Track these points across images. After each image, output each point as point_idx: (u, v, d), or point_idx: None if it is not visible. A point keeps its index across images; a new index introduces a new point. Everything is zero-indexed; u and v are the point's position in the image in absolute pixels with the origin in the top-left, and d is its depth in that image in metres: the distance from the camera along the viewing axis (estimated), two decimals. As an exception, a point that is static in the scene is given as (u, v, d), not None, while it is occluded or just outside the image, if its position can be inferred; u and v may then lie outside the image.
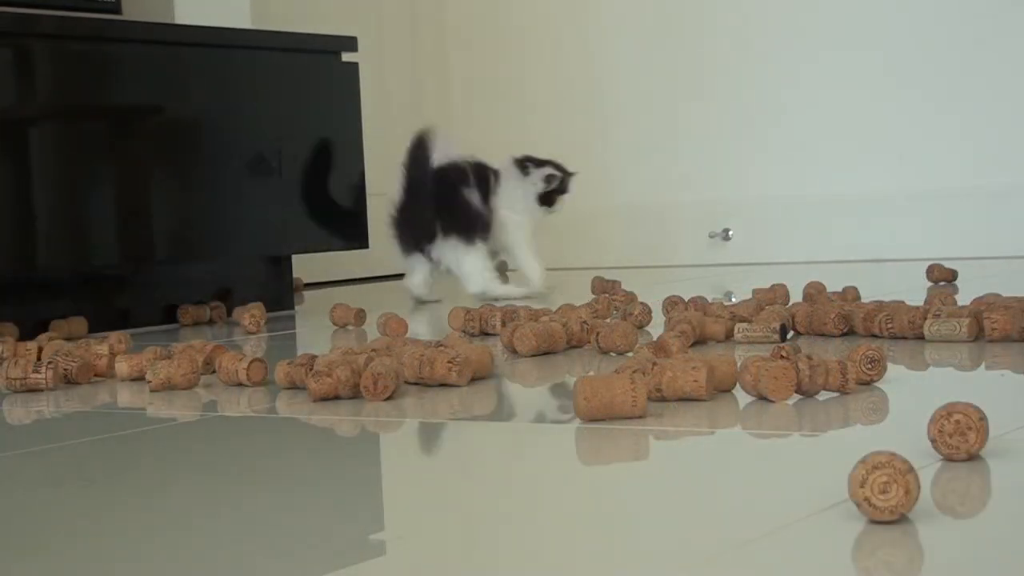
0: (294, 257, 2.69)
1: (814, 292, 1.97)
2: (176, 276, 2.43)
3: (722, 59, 3.37)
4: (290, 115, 2.49)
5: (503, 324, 1.84)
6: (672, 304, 1.92)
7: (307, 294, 3.03)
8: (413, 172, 2.55)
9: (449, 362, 1.40)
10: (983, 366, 1.44)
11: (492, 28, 3.69)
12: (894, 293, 2.02)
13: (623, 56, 3.50)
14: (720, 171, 3.37)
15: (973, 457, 0.93)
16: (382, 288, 3.19)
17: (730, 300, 2.19)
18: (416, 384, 1.42)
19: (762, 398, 1.22)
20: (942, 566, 0.73)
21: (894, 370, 1.36)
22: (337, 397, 1.36)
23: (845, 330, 1.66)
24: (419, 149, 2.56)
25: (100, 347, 1.68)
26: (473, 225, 2.53)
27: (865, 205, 3.19)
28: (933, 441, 0.93)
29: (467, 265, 2.52)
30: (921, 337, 1.59)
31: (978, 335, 1.57)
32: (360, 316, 2.14)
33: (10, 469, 1.14)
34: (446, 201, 2.53)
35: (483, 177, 2.58)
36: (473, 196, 2.54)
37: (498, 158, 2.65)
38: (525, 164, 2.63)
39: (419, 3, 3.71)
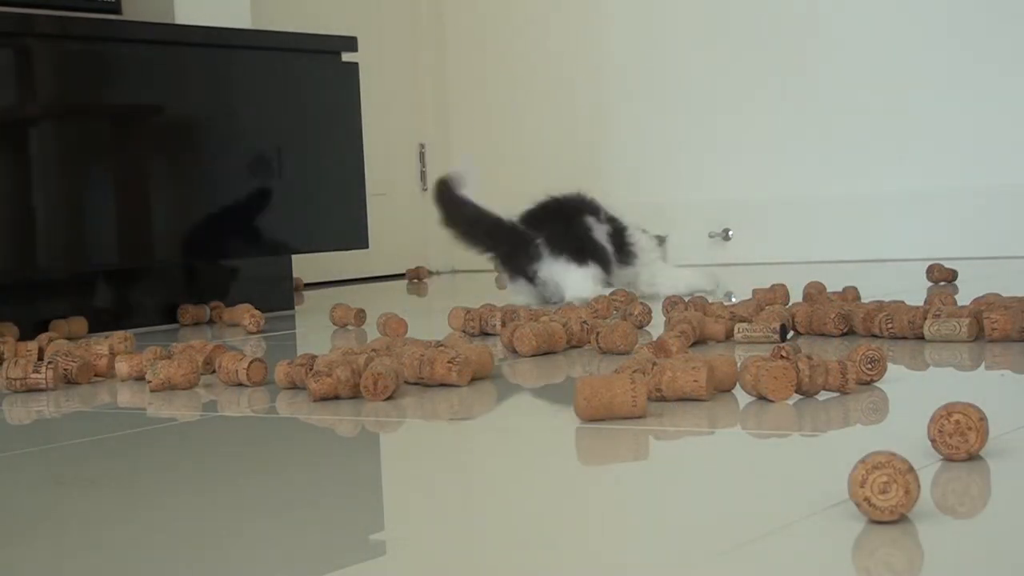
0: (294, 257, 2.68)
1: (814, 292, 1.97)
2: (176, 276, 2.43)
3: (721, 60, 3.36)
4: (290, 115, 2.49)
5: (503, 324, 1.84)
6: (672, 304, 1.92)
7: (307, 294, 3.03)
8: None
9: (449, 362, 1.40)
10: (983, 366, 1.44)
11: (492, 28, 3.69)
12: (894, 293, 2.02)
13: (624, 57, 3.50)
14: (720, 171, 3.37)
15: (973, 457, 0.93)
16: (382, 288, 3.19)
17: (730, 300, 2.19)
18: (416, 384, 1.42)
19: (762, 398, 1.22)
20: (942, 566, 0.73)
21: (894, 370, 1.36)
22: (337, 397, 1.36)
23: (845, 330, 1.66)
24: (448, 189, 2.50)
25: (100, 347, 1.68)
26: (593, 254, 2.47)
27: (865, 205, 3.19)
28: (933, 441, 0.93)
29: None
30: (921, 337, 1.59)
31: (978, 335, 1.57)
32: (360, 316, 2.14)
33: (10, 469, 1.14)
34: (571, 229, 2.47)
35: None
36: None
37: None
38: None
39: (419, 3, 3.71)
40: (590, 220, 2.47)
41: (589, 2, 3.56)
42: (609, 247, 2.46)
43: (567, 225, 2.45)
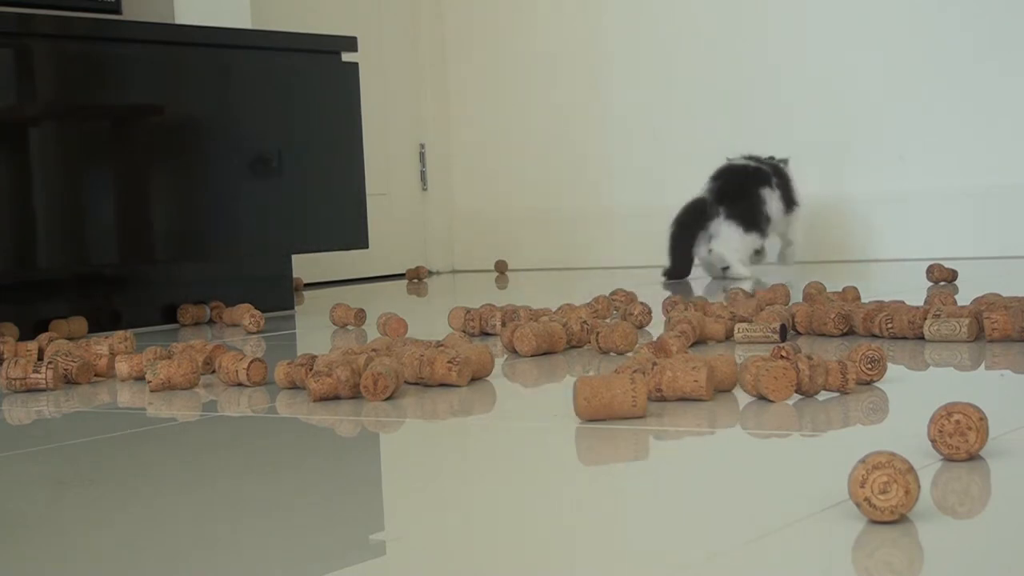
0: (294, 257, 2.68)
1: (814, 292, 1.97)
2: (176, 276, 2.43)
3: (722, 60, 3.37)
4: (290, 115, 2.49)
5: (503, 324, 1.84)
6: (672, 304, 1.92)
7: (307, 294, 3.03)
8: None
9: (449, 362, 1.40)
10: (983, 366, 1.44)
11: (492, 28, 3.69)
12: (894, 293, 2.02)
13: (624, 57, 3.50)
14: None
15: (973, 457, 0.93)
16: (382, 288, 3.19)
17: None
18: (416, 384, 1.42)
19: (762, 398, 1.22)
20: (942, 566, 0.73)
21: (894, 370, 1.36)
22: (337, 397, 1.36)
23: (845, 330, 1.66)
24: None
25: (100, 347, 1.68)
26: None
27: (865, 205, 3.19)
28: (933, 441, 0.93)
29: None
30: (921, 337, 1.59)
31: (978, 335, 1.57)
32: (360, 316, 2.14)
33: (10, 469, 1.14)
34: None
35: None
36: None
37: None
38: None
39: (419, 3, 3.71)
40: (764, 191, 2.87)
41: (589, 1, 3.55)
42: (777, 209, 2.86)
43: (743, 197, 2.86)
